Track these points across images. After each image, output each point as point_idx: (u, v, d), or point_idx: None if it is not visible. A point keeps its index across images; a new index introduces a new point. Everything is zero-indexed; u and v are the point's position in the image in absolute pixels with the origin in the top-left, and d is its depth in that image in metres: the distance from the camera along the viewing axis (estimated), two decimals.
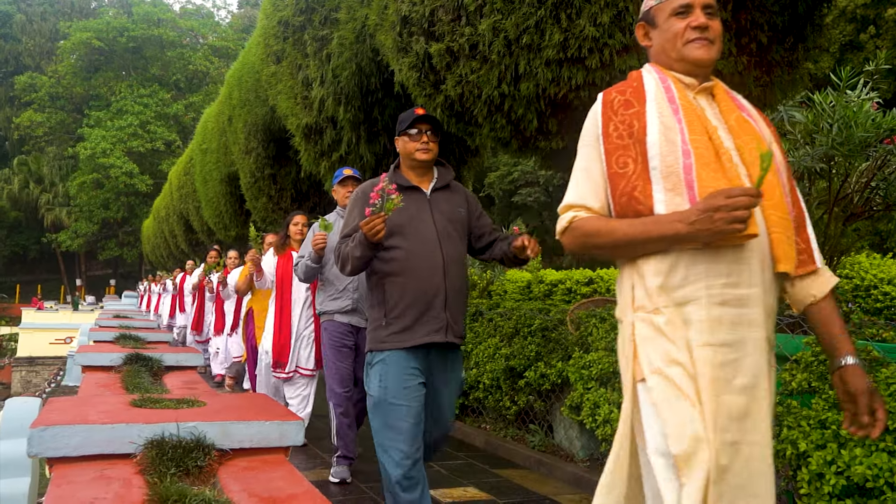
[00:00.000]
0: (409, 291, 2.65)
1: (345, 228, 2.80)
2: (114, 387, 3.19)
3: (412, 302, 2.64)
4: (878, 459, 2.59)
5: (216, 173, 11.14)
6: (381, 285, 2.70)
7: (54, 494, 1.73)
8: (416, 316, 2.64)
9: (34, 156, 43.56)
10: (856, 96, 4.95)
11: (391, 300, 2.67)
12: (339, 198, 4.29)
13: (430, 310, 2.65)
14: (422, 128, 2.80)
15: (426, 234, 2.70)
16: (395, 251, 2.67)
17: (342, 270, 2.74)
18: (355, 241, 2.62)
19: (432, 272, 2.67)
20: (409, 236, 2.68)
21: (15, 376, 21.97)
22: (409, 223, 2.69)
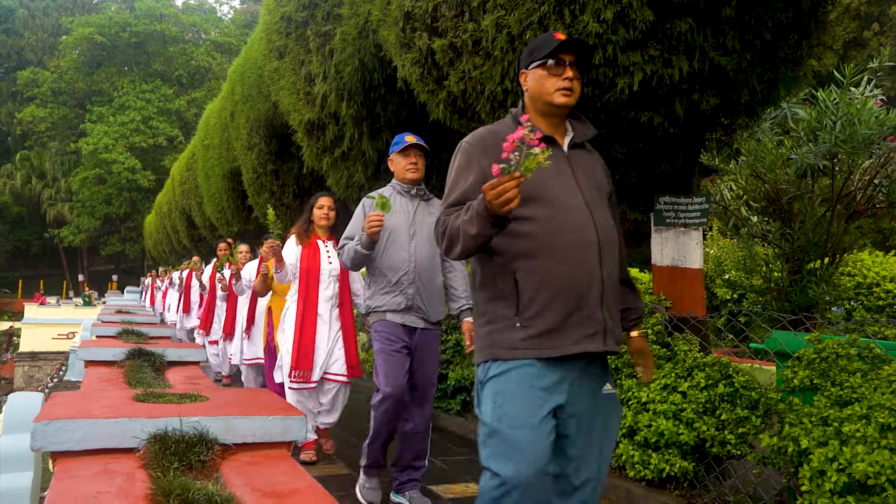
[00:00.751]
0: (554, 279, 1.96)
1: (451, 193, 2.06)
2: (116, 381, 3.19)
3: (557, 294, 1.96)
4: (879, 456, 2.59)
5: (218, 169, 11.14)
6: (508, 272, 2.00)
7: (57, 488, 1.73)
8: (564, 314, 1.96)
9: (36, 151, 43.60)
10: (859, 93, 4.94)
11: (527, 292, 1.97)
12: (398, 169, 3.62)
13: (583, 306, 1.98)
14: (565, 59, 2.05)
15: (571, 202, 2.02)
16: (530, 224, 1.98)
17: (447, 253, 2.01)
18: (471, 212, 1.86)
19: (584, 253, 1.99)
20: (550, 204, 2.00)
21: (17, 371, 22.03)
22: (547, 186, 2.00)
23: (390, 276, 3.46)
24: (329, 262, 4.52)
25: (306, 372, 4.34)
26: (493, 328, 2.03)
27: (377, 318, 3.55)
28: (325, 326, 4.48)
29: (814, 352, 3.15)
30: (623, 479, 4.01)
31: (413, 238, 3.49)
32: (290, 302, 4.53)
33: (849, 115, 4.65)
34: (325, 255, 4.54)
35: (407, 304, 3.47)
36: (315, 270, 4.46)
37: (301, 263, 4.47)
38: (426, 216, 3.56)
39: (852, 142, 4.59)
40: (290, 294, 4.58)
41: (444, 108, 4.26)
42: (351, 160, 6.24)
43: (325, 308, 4.49)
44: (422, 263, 3.49)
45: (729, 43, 3.33)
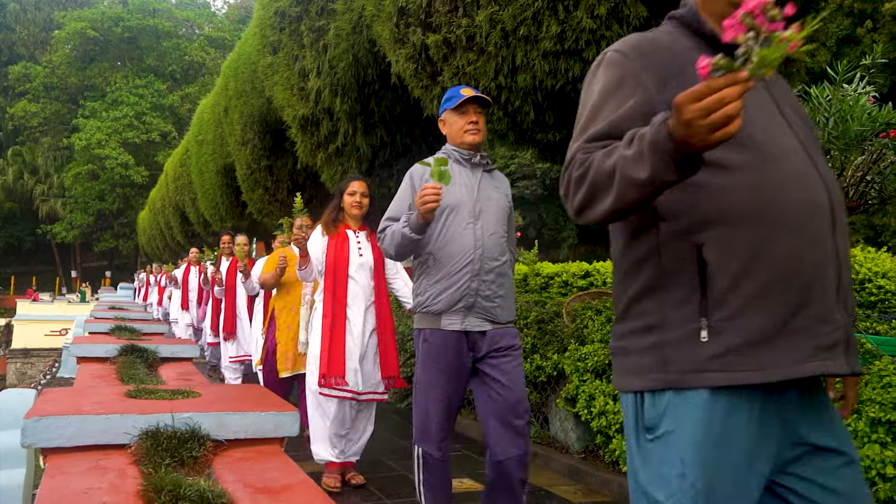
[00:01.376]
0: (769, 259, 1.21)
1: (593, 121, 1.31)
2: (109, 378, 3.18)
3: (774, 281, 1.20)
4: (870, 451, 2.61)
5: (212, 165, 11.11)
6: (689, 246, 1.24)
7: (49, 485, 1.73)
8: (784, 314, 1.20)
9: (29, 146, 43.39)
10: (852, 90, 4.95)
11: (723, 277, 1.21)
12: (454, 131, 2.89)
13: (814, 301, 1.21)
14: None
15: (786, 144, 1.28)
16: (726, 174, 1.23)
17: (583, 211, 1.25)
18: (641, 144, 1.12)
19: (812, 220, 1.24)
20: (755, 146, 1.24)
21: (10, 368, 21.95)
22: (749, 119, 1.19)
23: (449, 266, 2.75)
24: (360, 255, 3.91)
25: (339, 378, 3.72)
26: (660, 339, 1.26)
27: (427, 322, 2.80)
28: (358, 329, 3.82)
29: None
30: (616, 473, 4.03)
31: (479, 218, 2.79)
32: (319, 301, 3.96)
33: (841, 112, 4.67)
34: (356, 246, 3.94)
35: (468, 302, 2.73)
36: (343, 264, 3.84)
37: (328, 257, 3.87)
38: (492, 191, 2.89)
39: (845, 138, 4.61)
40: (318, 293, 4.02)
41: (439, 104, 4.25)
42: (345, 156, 6.23)
43: (357, 308, 3.86)
44: (490, 250, 2.78)
45: None
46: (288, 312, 4.74)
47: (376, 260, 3.96)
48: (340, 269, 3.85)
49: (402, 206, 2.87)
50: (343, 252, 3.88)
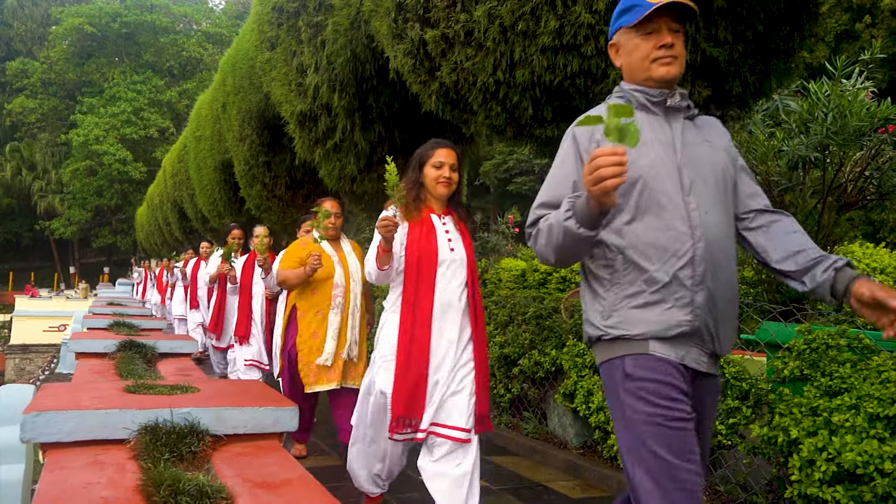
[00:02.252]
0: None
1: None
2: (107, 373, 3.19)
3: None
4: (868, 446, 2.61)
5: (210, 161, 11.09)
6: None
7: (48, 480, 1.73)
8: None
9: (26, 142, 43.29)
10: (851, 85, 4.96)
11: None
12: (636, 60, 1.89)
13: None
14: None
15: None
16: None
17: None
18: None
19: None
20: None
21: (9, 364, 21.95)
22: None
23: (653, 268, 1.78)
24: (451, 250, 2.90)
25: (415, 421, 2.76)
26: None
27: (627, 350, 1.81)
28: (446, 347, 2.84)
29: (804, 342, 3.17)
30: (615, 469, 4.03)
31: (691, 189, 1.83)
32: (391, 310, 2.97)
33: (840, 107, 4.67)
34: (444, 237, 2.91)
35: (693, 323, 1.78)
36: (430, 260, 2.83)
37: (408, 249, 2.87)
38: (703, 147, 1.92)
39: (843, 134, 4.61)
40: (389, 299, 3.00)
41: (437, 100, 4.25)
42: (343, 152, 6.22)
43: (447, 319, 2.85)
44: (713, 239, 1.82)
45: (721, 34, 3.33)
46: (313, 316, 4.01)
47: (470, 258, 2.94)
48: (427, 270, 2.83)
49: (564, 184, 1.88)
50: (430, 245, 2.84)
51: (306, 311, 4.05)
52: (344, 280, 4.06)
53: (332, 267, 4.06)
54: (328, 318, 3.97)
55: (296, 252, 4.20)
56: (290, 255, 4.23)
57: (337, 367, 3.97)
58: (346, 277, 4.09)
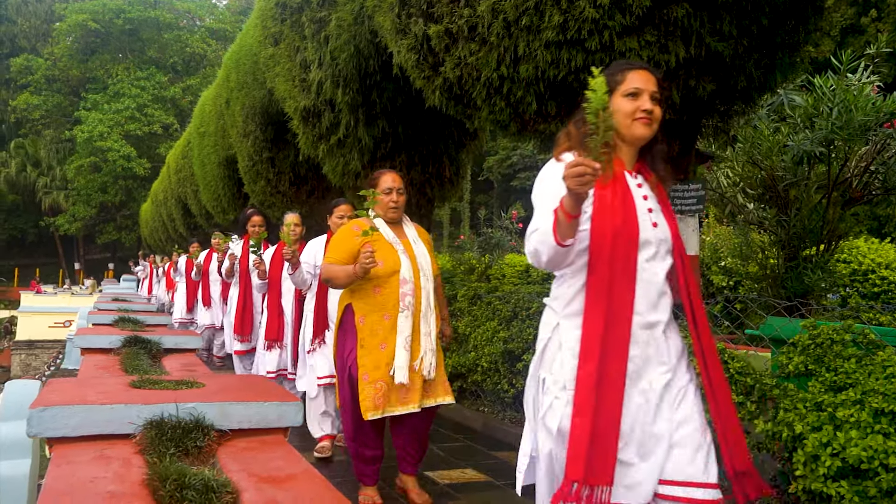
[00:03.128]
0: None
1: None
2: (113, 369, 3.20)
3: None
4: (873, 441, 2.61)
5: (214, 157, 11.11)
6: None
7: (54, 474, 1.74)
8: None
9: (31, 139, 43.40)
10: (856, 80, 4.93)
11: None
12: None
13: None
14: None
15: None
16: None
17: None
18: None
19: None
20: None
21: (14, 360, 22.03)
22: None
23: None
24: (653, 224, 1.95)
25: (600, 491, 1.80)
26: None
27: None
28: (656, 379, 1.91)
29: (809, 338, 3.16)
30: None
31: None
32: (566, 313, 1.97)
33: (846, 102, 4.65)
34: (642, 203, 1.97)
35: None
36: (629, 240, 1.88)
37: (595, 222, 1.88)
38: None
39: (849, 128, 4.59)
40: (560, 296, 1.99)
41: (440, 95, 4.25)
42: (347, 147, 6.22)
43: (652, 328, 1.93)
44: None
45: (726, 28, 3.32)
46: (378, 321, 3.21)
47: (676, 236, 1.99)
48: (622, 255, 1.86)
49: None
50: (627, 217, 1.88)
51: (367, 315, 3.21)
52: (412, 274, 3.24)
53: (397, 258, 3.23)
54: (398, 322, 3.18)
55: (346, 241, 3.29)
56: (338, 244, 3.33)
57: (415, 385, 3.19)
58: (415, 271, 3.27)
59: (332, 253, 3.31)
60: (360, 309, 3.24)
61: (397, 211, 3.36)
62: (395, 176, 3.39)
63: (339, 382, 3.39)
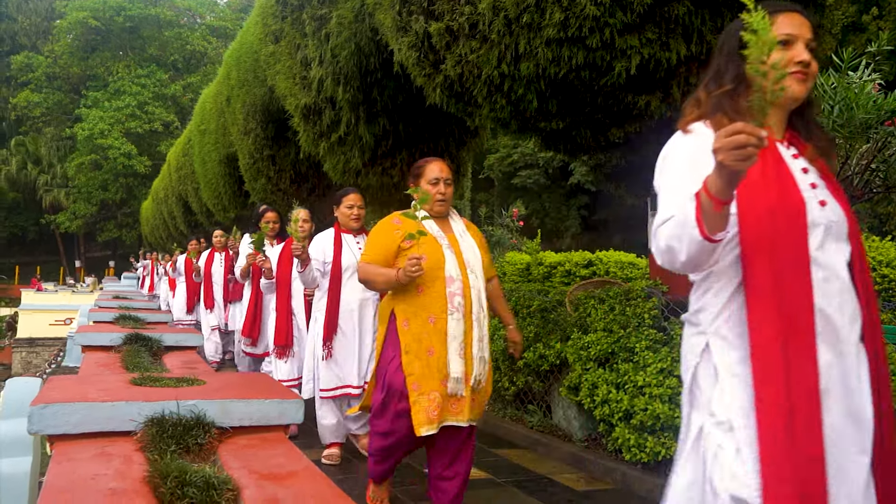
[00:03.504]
0: None
1: None
2: (114, 366, 3.20)
3: None
4: None
5: (215, 154, 11.11)
6: None
7: (55, 471, 1.74)
8: None
9: (32, 136, 43.39)
10: (857, 78, 4.93)
11: None
12: None
13: None
14: None
15: None
16: None
17: None
18: None
19: None
20: None
21: (15, 357, 22.06)
22: None
23: None
24: (820, 203, 1.55)
25: None
26: None
27: None
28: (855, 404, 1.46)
29: None
30: (619, 462, 4.04)
31: None
32: (715, 326, 1.55)
33: (846, 100, 4.64)
34: (802, 178, 1.58)
35: None
36: (795, 222, 1.47)
37: (744, 201, 1.48)
38: None
39: (850, 126, 4.59)
40: (705, 303, 1.58)
41: (441, 93, 4.25)
42: (348, 145, 6.22)
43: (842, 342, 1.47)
44: None
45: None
46: (423, 324, 2.84)
47: (850, 218, 1.60)
48: (787, 242, 1.46)
49: None
50: (790, 192, 1.51)
51: (411, 319, 2.85)
52: (459, 272, 2.88)
53: (441, 254, 2.88)
54: (448, 327, 2.81)
55: (385, 238, 2.97)
56: (376, 241, 3.00)
57: (467, 396, 2.85)
58: (462, 268, 2.90)
59: (369, 251, 3.01)
60: (402, 312, 2.89)
61: (444, 204, 3.02)
62: (443, 165, 3.06)
63: (374, 389, 3.03)
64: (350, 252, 4.15)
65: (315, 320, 4.27)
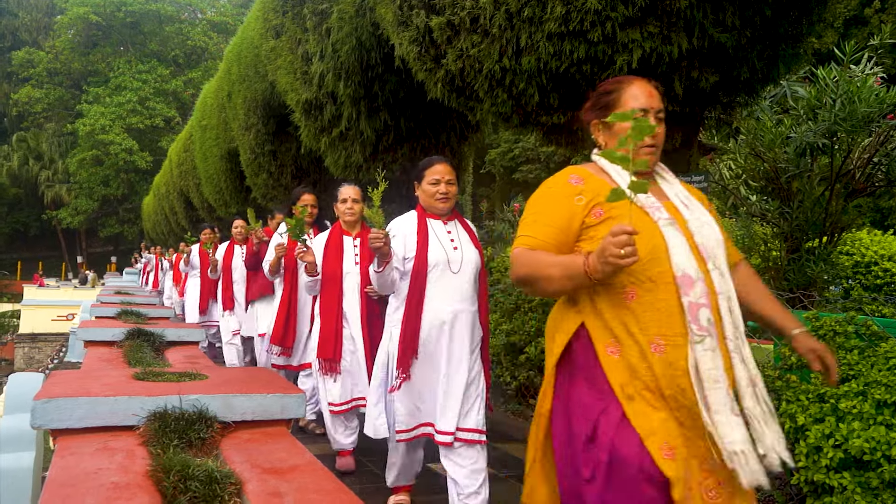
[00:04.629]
0: None
1: None
2: (116, 361, 3.20)
3: None
4: (875, 433, 2.61)
5: (216, 150, 11.10)
6: None
7: (59, 465, 1.74)
8: None
9: (33, 132, 43.41)
10: (860, 71, 4.91)
11: None
12: None
13: None
14: None
15: None
16: None
17: None
18: None
19: None
20: None
21: (18, 353, 22.11)
22: None
23: None
24: None
25: None
26: None
27: None
28: None
29: (812, 329, 3.16)
30: None
31: None
32: None
33: (849, 93, 4.63)
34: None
35: None
36: None
37: None
38: None
39: (852, 120, 4.57)
40: None
41: (443, 87, 4.24)
42: (349, 140, 6.21)
43: None
44: None
45: (729, 19, 3.31)
46: (643, 354, 1.70)
47: None
48: None
49: None
50: None
51: (623, 343, 1.72)
52: (694, 264, 1.74)
53: (659, 236, 1.75)
54: (695, 358, 1.67)
55: (560, 204, 1.84)
56: (547, 209, 1.85)
57: None
58: (697, 257, 1.76)
59: (532, 229, 1.82)
60: (601, 332, 1.76)
61: (655, 155, 1.91)
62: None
63: (560, 470, 1.79)
64: (438, 244, 3.09)
65: (390, 336, 3.20)
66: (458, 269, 3.05)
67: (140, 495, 1.56)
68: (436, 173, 3.18)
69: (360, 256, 3.96)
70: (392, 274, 3.02)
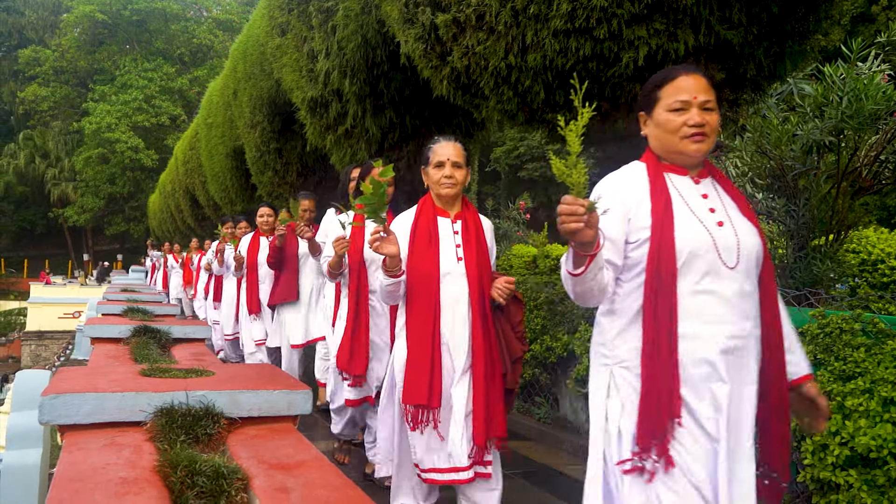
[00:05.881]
0: None
1: None
2: (123, 358, 3.22)
3: None
4: (882, 430, 2.61)
5: (221, 148, 11.13)
6: None
7: (67, 460, 1.75)
8: None
9: (39, 130, 43.55)
10: (866, 69, 4.89)
11: None
12: None
13: None
14: None
15: None
16: None
17: None
18: None
19: None
20: None
21: (24, 350, 22.22)
22: None
23: None
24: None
25: None
26: None
27: None
28: None
29: (818, 327, 3.15)
30: None
31: None
32: None
33: (855, 91, 4.61)
34: None
35: None
36: None
37: None
38: None
39: (859, 117, 4.56)
40: None
41: (448, 85, 4.24)
42: (354, 138, 6.22)
43: None
44: None
45: (735, 16, 3.30)
46: None
47: None
48: None
49: None
50: None
51: None
52: None
53: None
54: None
55: None
56: None
57: None
58: None
59: None
60: None
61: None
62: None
63: None
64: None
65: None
66: None
67: (148, 490, 1.57)
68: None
69: (464, 249, 2.68)
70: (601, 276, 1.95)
